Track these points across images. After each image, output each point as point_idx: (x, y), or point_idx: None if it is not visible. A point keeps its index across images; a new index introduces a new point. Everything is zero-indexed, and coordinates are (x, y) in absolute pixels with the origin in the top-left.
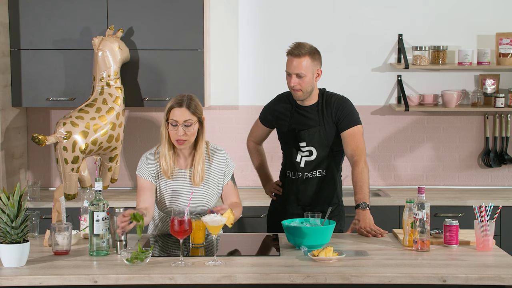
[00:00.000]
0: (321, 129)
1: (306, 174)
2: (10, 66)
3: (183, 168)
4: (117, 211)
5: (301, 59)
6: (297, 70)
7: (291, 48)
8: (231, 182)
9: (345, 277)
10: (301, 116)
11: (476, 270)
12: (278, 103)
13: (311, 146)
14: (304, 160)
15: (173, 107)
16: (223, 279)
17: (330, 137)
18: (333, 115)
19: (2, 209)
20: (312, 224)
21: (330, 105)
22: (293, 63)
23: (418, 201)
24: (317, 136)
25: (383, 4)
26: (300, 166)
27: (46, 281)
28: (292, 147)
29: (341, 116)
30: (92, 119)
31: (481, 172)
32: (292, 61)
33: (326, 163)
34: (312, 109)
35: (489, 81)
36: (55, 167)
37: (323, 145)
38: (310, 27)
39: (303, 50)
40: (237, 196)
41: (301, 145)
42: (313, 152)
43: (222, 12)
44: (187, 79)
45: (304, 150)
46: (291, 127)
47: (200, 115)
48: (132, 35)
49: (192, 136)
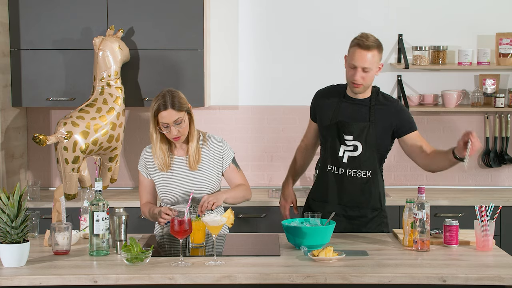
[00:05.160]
0: (371, 126)
1: (349, 171)
2: (10, 66)
3: (180, 155)
4: (117, 211)
5: (370, 52)
6: (365, 64)
7: (360, 39)
8: (233, 165)
9: (345, 277)
10: (350, 108)
11: (476, 270)
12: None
13: (357, 141)
14: (347, 155)
15: (160, 110)
16: (223, 279)
17: (380, 137)
18: (392, 119)
19: (2, 209)
20: (312, 224)
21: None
22: (362, 56)
23: (418, 201)
24: (366, 131)
25: (383, 4)
26: (343, 161)
27: (46, 281)
28: (335, 140)
29: (401, 119)
30: (93, 119)
31: (481, 172)
32: (360, 53)
33: (371, 163)
34: (364, 103)
35: (489, 81)
36: (55, 167)
37: (371, 142)
38: (310, 27)
39: (372, 42)
40: (242, 179)
41: (346, 138)
42: (359, 147)
43: (222, 12)
44: (187, 79)
45: (349, 144)
46: (337, 117)
47: (186, 107)
48: (132, 35)
49: (185, 129)
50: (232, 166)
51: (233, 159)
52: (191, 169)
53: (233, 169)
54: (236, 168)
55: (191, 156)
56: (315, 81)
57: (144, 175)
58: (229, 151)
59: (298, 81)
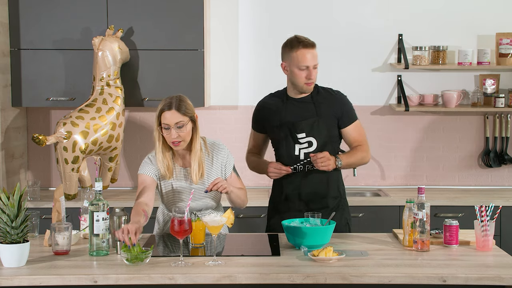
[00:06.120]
0: (320, 120)
1: (308, 166)
2: (10, 66)
3: (183, 166)
4: (117, 211)
5: (314, 49)
6: (315, 61)
7: (302, 41)
8: (234, 173)
9: (345, 277)
10: (296, 108)
11: (476, 270)
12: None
13: (310, 136)
14: (303, 152)
15: (163, 110)
16: (223, 279)
17: (329, 128)
18: (335, 109)
19: (2, 209)
20: (312, 224)
21: (330, 98)
22: (311, 55)
23: (418, 201)
24: (315, 126)
25: (383, 4)
26: (300, 158)
27: (46, 281)
28: (289, 141)
29: (344, 111)
30: (92, 119)
31: (481, 172)
32: (309, 53)
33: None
34: (307, 100)
35: (489, 81)
36: (55, 167)
37: (323, 135)
38: (310, 27)
39: (311, 40)
40: (242, 184)
41: (299, 137)
42: (313, 142)
43: (222, 12)
44: (187, 79)
45: (302, 142)
46: (286, 119)
47: (191, 114)
48: (132, 35)
49: (187, 136)
50: (234, 175)
51: (234, 167)
52: (195, 183)
53: (234, 178)
54: (236, 176)
55: (194, 170)
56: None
57: (146, 174)
58: (230, 159)
59: None
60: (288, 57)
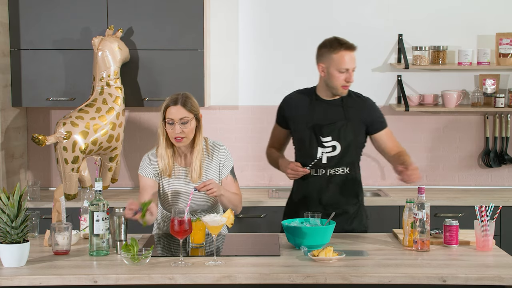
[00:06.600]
0: (348, 124)
1: (330, 170)
2: (10, 66)
3: (183, 165)
4: (117, 211)
5: (354, 51)
6: (354, 64)
7: (343, 42)
8: (230, 176)
9: (345, 277)
10: (324, 109)
11: (476, 270)
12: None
13: (335, 141)
14: (326, 156)
15: (169, 105)
16: (223, 279)
17: (356, 133)
18: (365, 114)
19: (2, 209)
20: (312, 224)
21: (360, 103)
22: (351, 58)
23: (418, 201)
24: (343, 130)
25: (383, 4)
26: (322, 162)
27: (46, 281)
28: (312, 143)
29: (375, 117)
30: (92, 119)
31: (481, 172)
32: (349, 55)
33: (350, 159)
34: (336, 103)
35: (489, 81)
36: (55, 167)
37: (348, 140)
38: (310, 27)
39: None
40: (237, 189)
41: (324, 140)
42: (337, 147)
43: (222, 12)
44: (187, 79)
45: (327, 146)
46: (313, 120)
47: (196, 112)
48: (132, 35)
49: (190, 133)
50: (230, 177)
51: (232, 170)
52: (193, 181)
53: (230, 180)
54: (233, 179)
55: (195, 169)
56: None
57: (147, 177)
58: (229, 161)
59: (298, 81)
60: (327, 59)
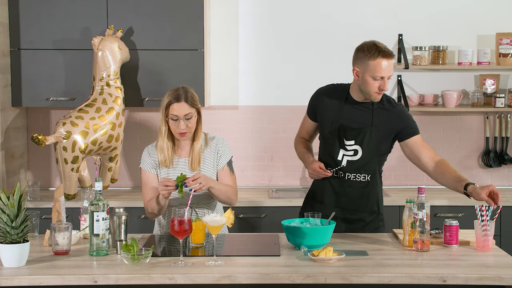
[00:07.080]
0: (373, 130)
1: (348, 175)
2: (10, 66)
3: (182, 156)
4: (117, 211)
5: (392, 59)
6: (391, 72)
7: (381, 49)
8: (227, 167)
9: (345, 277)
10: (353, 112)
11: (476, 270)
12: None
13: (358, 145)
14: (346, 159)
15: (172, 102)
16: (223, 279)
17: (381, 141)
18: (394, 123)
19: (2, 209)
20: (312, 224)
21: (391, 111)
22: (389, 66)
23: (418, 201)
24: (367, 137)
25: (383, 4)
26: (342, 165)
27: (46, 281)
28: (335, 144)
29: (406, 125)
30: (92, 119)
31: (481, 172)
32: (385, 63)
33: (371, 167)
34: (367, 107)
35: (489, 81)
36: (55, 167)
37: (371, 147)
38: (310, 27)
39: (390, 49)
40: (233, 183)
41: (347, 143)
42: (359, 152)
43: (222, 12)
44: (187, 79)
45: (349, 149)
46: (339, 121)
47: (197, 105)
48: (132, 35)
49: (193, 127)
50: (226, 168)
51: (229, 162)
52: (193, 170)
53: (226, 171)
54: (229, 171)
55: (194, 157)
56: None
57: (148, 171)
58: (227, 152)
59: (298, 81)
60: (363, 64)
